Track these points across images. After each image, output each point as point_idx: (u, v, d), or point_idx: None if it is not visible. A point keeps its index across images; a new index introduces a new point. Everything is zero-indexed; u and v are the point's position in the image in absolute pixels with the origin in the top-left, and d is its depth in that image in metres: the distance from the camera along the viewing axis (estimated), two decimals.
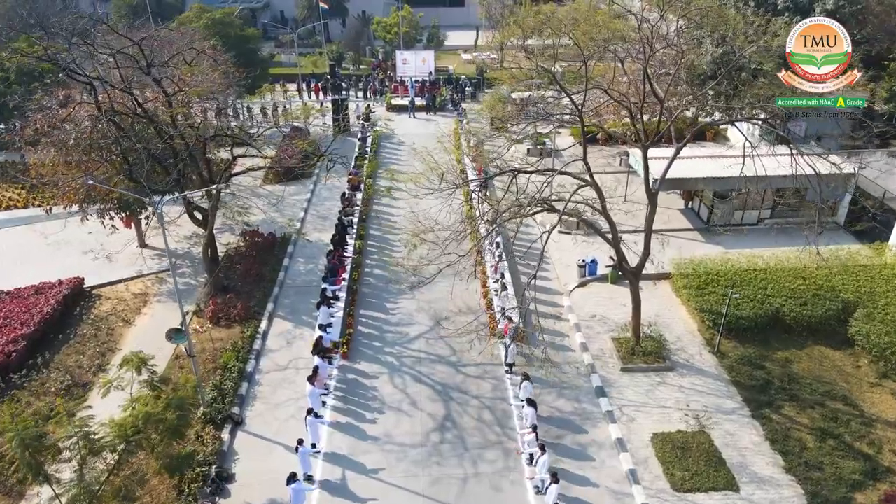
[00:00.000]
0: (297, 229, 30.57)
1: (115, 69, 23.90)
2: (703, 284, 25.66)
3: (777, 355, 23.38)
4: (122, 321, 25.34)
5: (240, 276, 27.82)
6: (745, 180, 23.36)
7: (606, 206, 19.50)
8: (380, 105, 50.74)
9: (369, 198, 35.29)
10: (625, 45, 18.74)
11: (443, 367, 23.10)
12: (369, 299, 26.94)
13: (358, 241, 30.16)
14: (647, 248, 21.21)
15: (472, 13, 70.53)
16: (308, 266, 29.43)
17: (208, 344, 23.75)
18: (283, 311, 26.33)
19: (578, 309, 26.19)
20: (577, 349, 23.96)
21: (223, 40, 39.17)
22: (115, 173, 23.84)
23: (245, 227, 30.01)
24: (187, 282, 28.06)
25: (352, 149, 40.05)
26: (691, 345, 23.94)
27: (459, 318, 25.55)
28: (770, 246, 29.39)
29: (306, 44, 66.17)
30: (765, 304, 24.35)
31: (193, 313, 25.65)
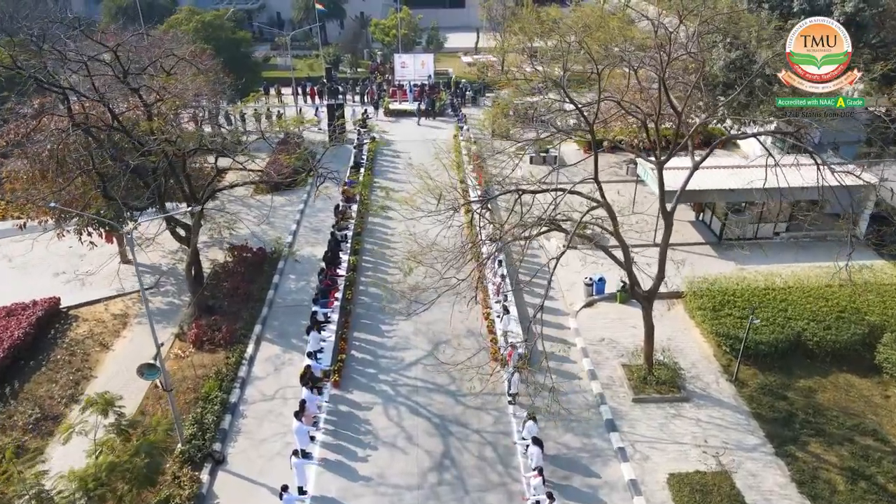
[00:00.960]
0: (287, 250, 28.83)
1: (96, 76, 22.44)
2: (719, 306, 24.07)
3: (800, 384, 21.80)
4: (100, 345, 23.77)
5: (226, 295, 26.24)
6: (764, 193, 21.89)
7: (619, 228, 17.93)
8: (375, 114, 49.19)
9: (365, 209, 33.71)
10: (639, 54, 17.16)
11: (441, 396, 21.53)
12: (364, 321, 25.36)
13: (352, 256, 28.60)
14: (662, 271, 19.65)
15: (473, 14, 68.98)
16: (299, 283, 27.84)
17: (190, 371, 22.17)
18: (271, 333, 24.75)
19: (586, 331, 24.61)
20: (585, 377, 22.38)
21: (213, 44, 37.62)
22: (92, 187, 22.27)
23: (231, 244, 28.48)
24: (171, 301, 26.49)
25: (347, 157, 38.47)
26: (707, 372, 22.35)
27: (459, 341, 24.04)
28: (787, 262, 27.85)
29: (303, 46, 64.66)
30: (785, 327, 22.77)
31: (176, 336, 24.09)
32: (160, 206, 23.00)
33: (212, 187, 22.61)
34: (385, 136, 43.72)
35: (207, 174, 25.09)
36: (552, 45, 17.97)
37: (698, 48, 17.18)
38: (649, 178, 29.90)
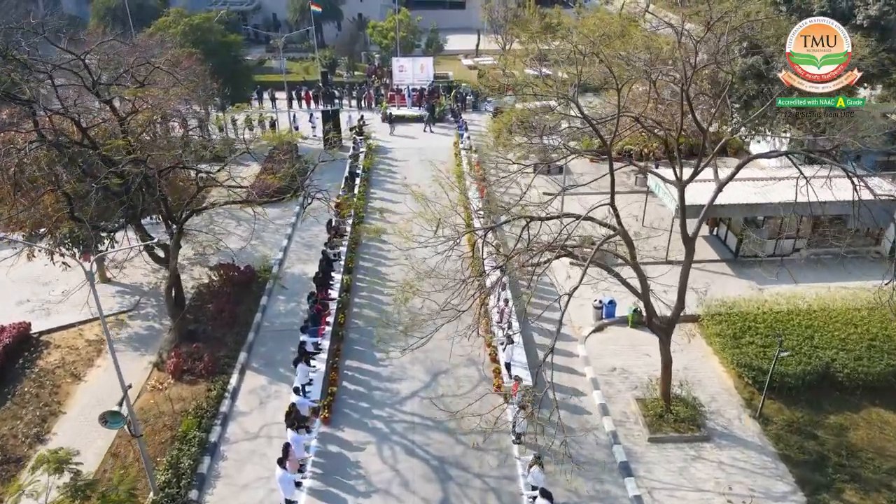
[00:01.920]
0: (274, 275, 26.98)
1: (63, 86, 20.73)
2: (740, 333, 22.33)
3: (830, 420, 20.06)
4: (71, 376, 22.02)
5: (210, 319, 24.50)
6: (790, 208, 20.25)
7: (636, 255, 16.20)
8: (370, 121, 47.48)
9: (360, 222, 31.97)
10: (662, 66, 15.44)
11: (439, 435, 19.77)
12: (357, 347, 23.61)
13: (346, 275, 26.85)
14: (682, 301, 17.91)
15: (474, 16, 67.26)
16: (289, 305, 26.10)
17: (167, 406, 20.43)
18: (257, 361, 23.01)
19: (596, 360, 22.86)
20: (596, 412, 20.64)
21: (202, 47, 35.87)
22: (61, 207, 20.53)
23: (218, 262, 26.73)
24: (150, 326, 24.73)
25: (342, 166, 36.67)
26: (729, 406, 20.61)
27: (459, 371, 22.31)
28: (809, 281, 26.10)
29: (299, 49, 62.93)
30: (813, 357, 21.03)
31: (154, 366, 22.35)
32: (136, 227, 21.28)
33: (191, 207, 20.83)
34: (382, 144, 42.08)
35: (189, 188, 23.30)
36: (564, 54, 16.17)
37: (728, 58, 15.45)
38: (661, 192, 28.16)
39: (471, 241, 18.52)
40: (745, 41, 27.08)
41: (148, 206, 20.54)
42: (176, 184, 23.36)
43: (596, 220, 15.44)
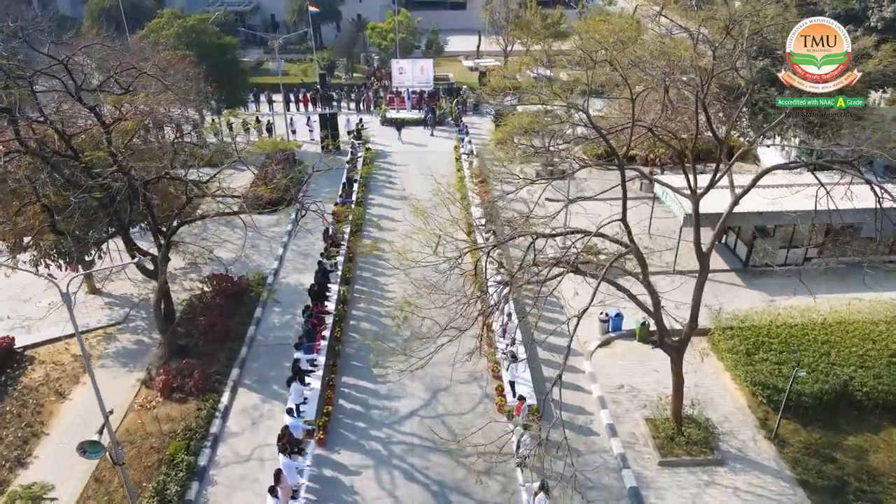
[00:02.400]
0: (267, 291, 25.94)
1: (52, 91, 19.87)
2: (753, 349, 21.43)
3: (849, 442, 19.14)
4: (56, 394, 21.10)
5: (202, 333, 23.56)
6: (806, 217, 19.34)
7: (648, 274, 15.30)
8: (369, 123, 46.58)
9: (358, 228, 31.08)
10: (682, 75, 14.50)
11: (440, 458, 18.85)
12: (354, 362, 22.70)
13: (343, 286, 25.94)
14: (695, 320, 17.00)
15: (475, 16, 66.37)
16: (284, 317, 25.19)
17: (154, 426, 19.52)
18: (250, 378, 22.10)
19: (602, 376, 21.96)
20: (604, 432, 19.73)
21: (196, 50, 34.94)
22: (45, 218, 19.62)
23: (211, 272, 25.83)
24: (140, 340, 23.81)
25: (339, 172, 35.71)
26: (743, 427, 19.69)
27: (460, 388, 21.40)
28: (821, 292, 24.96)
29: (297, 50, 62.05)
30: (830, 375, 20.12)
31: (142, 383, 21.42)
32: (123, 238, 20.38)
33: (180, 219, 19.93)
34: (381, 148, 41.18)
35: (179, 197, 22.38)
36: (574, 58, 15.25)
37: (746, 63, 14.57)
38: (669, 200, 27.24)
39: (473, 256, 17.62)
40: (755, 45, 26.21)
41: (135, 216, 19.63)
42: (166, 192, 22.47)
43: (607, 237, 14.54)
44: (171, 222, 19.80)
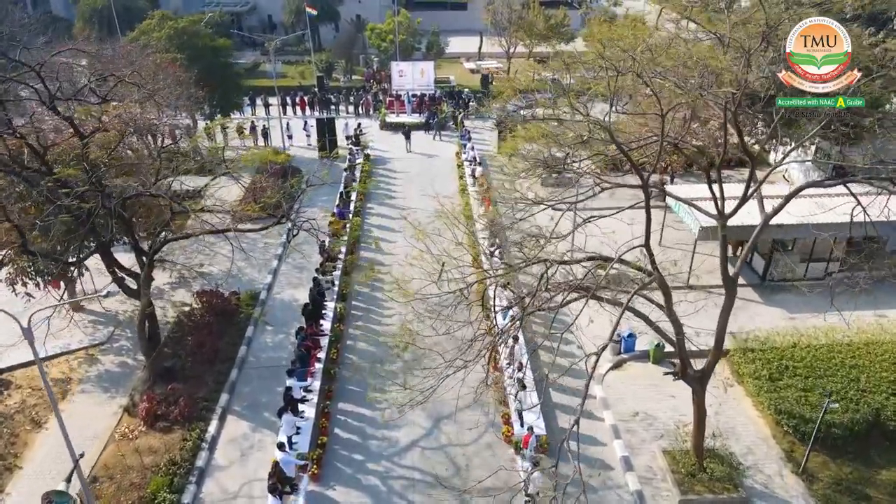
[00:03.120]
0: (260, 303, 24.55)
1: (28, 100, 18.54)
2: (776, 373, 20.11)
3: (882, 476, 17.80)
4: (31, 422, 19.76)
5: (189, 353, 22.23)
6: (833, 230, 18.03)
7: (672, 304, 13.97)
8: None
9: (355, 240, 29.74)
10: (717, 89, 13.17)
11: (443, 494, 17.48)
12: (350, 387, 21.35)
13: (339, 303, 24.59)
14: (720, 350, 15.68)
15: (476, 17, 65.00)
16: (277, 336, 23.83)
17: (136, 460, 18.17)
18: (240, 403, 20.75)
19: (615, 402, 20.61)
20: (618, 465, 18.38)
21: (188, 52, 33.59)
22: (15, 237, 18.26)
23: (202, 287, 24.52)
24: (124, 362, 22.46)
25: (338, 177, 34.31)
26: (767, 460, 18.34)
27: (463, 415, 20.03)
28: (845, 309, 23.71)
29: (296, 51, 60.71)
30: (860, 403, 18.81)
31: (125, 410, 20.07)
32: (103, 256, 19.06)
33: (163, 238, 18.61)
34: (381, 154, 39.80)
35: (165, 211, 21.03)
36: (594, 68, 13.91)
37: (780, 69, 13.22)
38: (683, 211, 25.89)
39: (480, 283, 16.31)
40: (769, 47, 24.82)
41: (116, 233, 18.30)
42: (152, 206, 21.13)
43: (628, 264, 13.23)
44: (153, 241, 18.46)
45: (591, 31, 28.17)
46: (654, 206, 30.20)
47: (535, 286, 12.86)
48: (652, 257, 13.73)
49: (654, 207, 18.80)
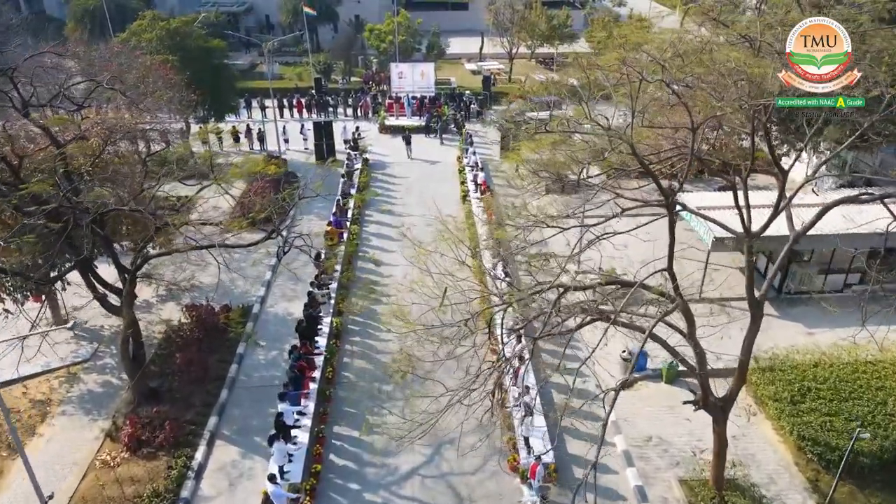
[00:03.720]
0: (249, 334, 23.16)
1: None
2: (798, 396, 18.96)
3: None
4: (7, 448, 18.59)
5: (177, 372, 21.08)
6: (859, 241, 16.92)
7: (696, 332, 12.84)
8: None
9: (353, 252, 28.60)
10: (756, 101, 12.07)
11: None
12: (346, 408, 20.20)
13: (336, 318, 23.43)
14: (744, 375, 14.57)
15: (477, 17, 63.92)
16: (270, 353, 22.69)
17: (116, 490, 17.01)
18: (229, 427, 19.60)
19: (627, 426, 19.45)
20: (632, 496, 17.22)
21: (180, 54, 32.44)
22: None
23: (191, 301, 23.38)
24: (108, 381, 21.31)
25: (335, 183, 33.14)
26: (791, 490, 17.19)
27: (466, 440, 18.83)
28: (870, 323, 22.60)
29: (294, 53, 59.58)
30: (889, 429, 17.65)
31: (107, 435, 18.92)
32: (82, 273, 17.91)
33: (144, 254, 17.48)
34: (380, 158, 38.65)
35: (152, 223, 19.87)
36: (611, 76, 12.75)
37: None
38: (694, 219, 24.70)
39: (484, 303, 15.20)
40: None
41: (95, 249, 17.17)
42: (136, 217, 19.94)
43: (649, 289, 12.08)
44: (135, 257, 17.33)
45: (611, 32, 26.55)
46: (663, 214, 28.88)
47: (544, 309, 11.70)
48: (675, 282, 12.62)
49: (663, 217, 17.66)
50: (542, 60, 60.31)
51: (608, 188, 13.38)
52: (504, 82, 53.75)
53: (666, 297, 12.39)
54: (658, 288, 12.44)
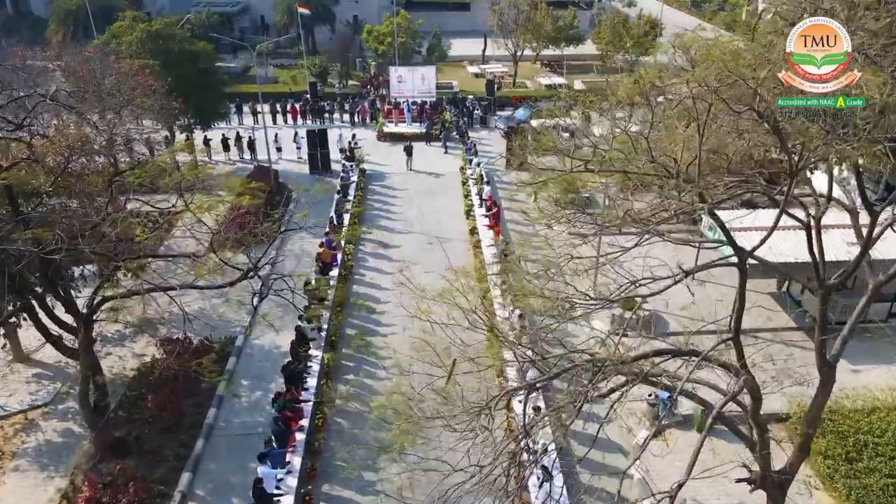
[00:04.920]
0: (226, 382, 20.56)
1: None
2: (854, 452, 16.63)
3: None
4: None
5: (147, 420, 18.73)
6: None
7: (760, 407, 10.54)
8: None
9: (348, 273, 26.25)
10: None
11: None
12: (338, 462, 17.83)
13: (328, 353, 21.10)
14: (807, 449, 12.23)
15: (479, 18, 61.72)
16: (254, 395, 20.36)
17: None
18: (204, 486, 17.23)
19: (656, 482, 17.02)
20: None
21: (162, 58, 30.10)
22: None
23: (168, 334, 21.03)
24: (69, 430, 18.93)
25: (328, 203, 30.59)
26: None
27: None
28: None
29: (289, 55, 57.27)
30: None
31: (62, 496, 16.56)
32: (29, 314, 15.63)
33: (99, 295, 15.15)
34: (378, 168, 36.32)
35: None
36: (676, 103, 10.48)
37: None
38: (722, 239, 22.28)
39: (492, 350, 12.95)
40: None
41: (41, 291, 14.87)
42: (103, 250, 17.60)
43: (711, 362, 9.78)
44: (90, 299, 15.01)
45: (681, 41, 23.65)
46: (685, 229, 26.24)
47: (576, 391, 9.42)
48: (740, 351, 10.31)
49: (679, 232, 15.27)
50: (547, 63, 58.04)
51: (655, 232, 11.02)
52: (508, 86, 51.48)
53: (730, 369, 10.10)
54: (718, 359, 10.13)
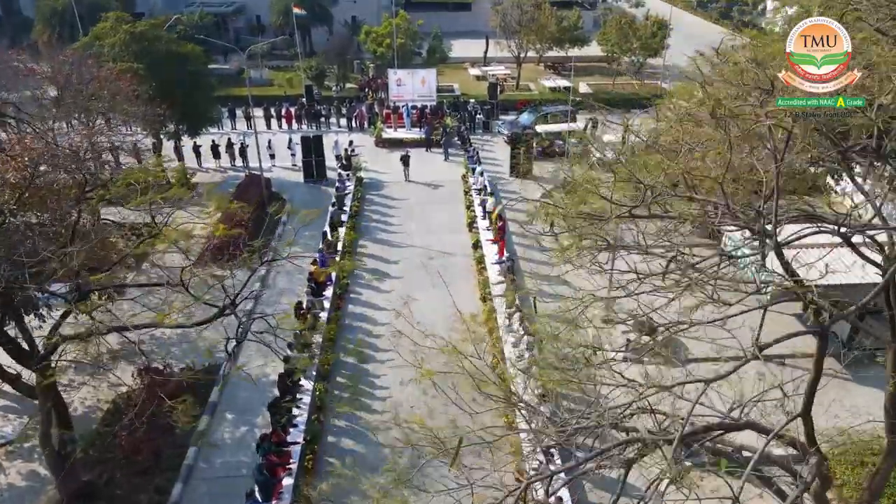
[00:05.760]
0: (201, 436, 18.37)
1: None
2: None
3: None
4: None
5: (122, 458, 17.07)
6: None
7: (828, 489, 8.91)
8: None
9: (342, 292, 24.60)
10: None
11: None
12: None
13: (319, 383, 19.45)
14: None
15: (481, 18, 60.07)
16: (238, 430, 18.71)
17: None
18: None
19: None
20: None
21: (147, 60, 28.42)
22: None
23: (145, 362, 19.33)
24: (34, 472, 17.28)
25: (322, 214, 28.88)
26: None
27: None
28: None
29: (286, 56, 55.62)
30: None
31: None
32: None
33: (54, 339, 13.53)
34: (375, 177, 34.65)
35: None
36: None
37: None
38: (752, 269, 20.65)
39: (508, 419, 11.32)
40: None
41: None
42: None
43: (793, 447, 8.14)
44: (45, 343, 13.41)
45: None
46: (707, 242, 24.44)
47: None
48: (811, 430, 8.66)
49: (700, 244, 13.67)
50: (551, 65, 56.42)
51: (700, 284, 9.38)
52: (511, 88, 49.85)
53: (799, 448, 8.47)
54: (789, 436, 8.49)
